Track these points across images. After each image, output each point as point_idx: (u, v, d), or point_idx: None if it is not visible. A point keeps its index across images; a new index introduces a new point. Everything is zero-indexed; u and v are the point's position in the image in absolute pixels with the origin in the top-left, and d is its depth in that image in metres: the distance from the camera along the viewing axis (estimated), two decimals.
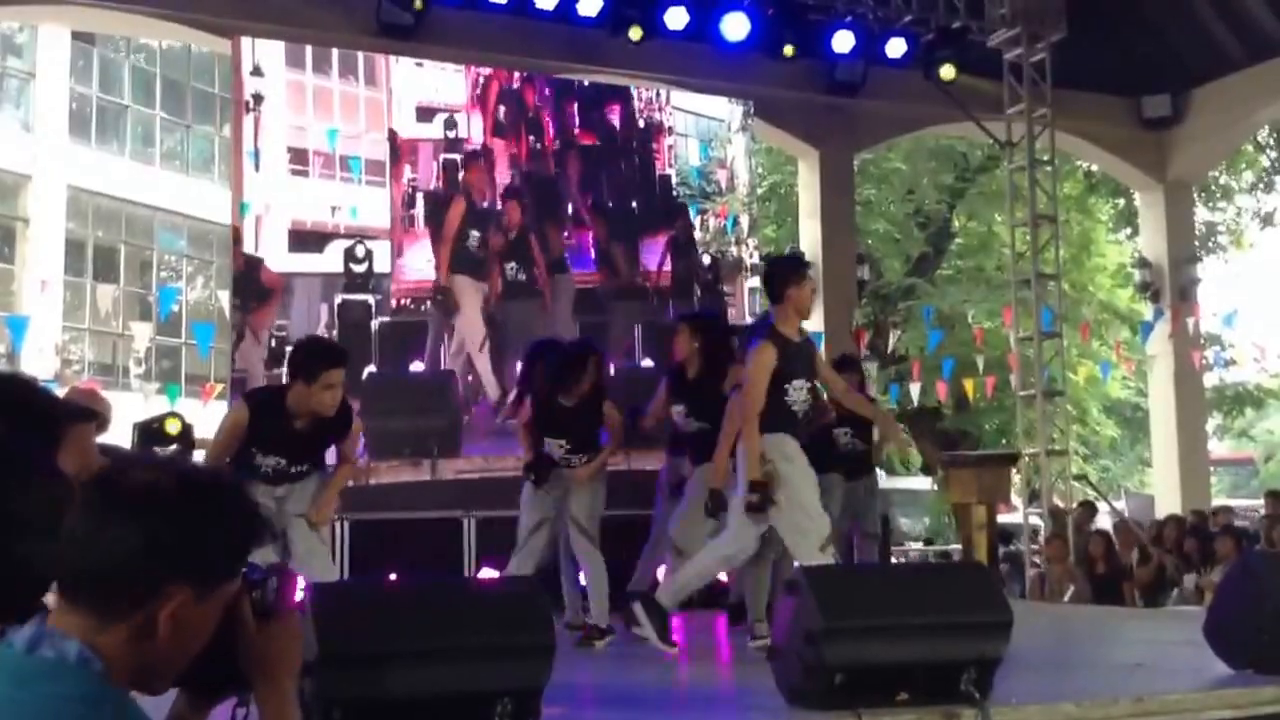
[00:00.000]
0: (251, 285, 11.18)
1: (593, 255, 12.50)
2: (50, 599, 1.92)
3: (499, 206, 12.10)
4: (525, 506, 7.99)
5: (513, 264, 11.98)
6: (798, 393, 6.89)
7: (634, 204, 12.83)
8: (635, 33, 12.81)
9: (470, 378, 11.62)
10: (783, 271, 7.15)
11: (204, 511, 1.77)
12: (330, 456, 6.93)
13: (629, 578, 8.30)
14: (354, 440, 6.92)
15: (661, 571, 8.27)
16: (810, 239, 15.79)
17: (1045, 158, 14.99)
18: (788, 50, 13.54)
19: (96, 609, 1.72)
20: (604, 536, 8.01)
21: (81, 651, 1.69)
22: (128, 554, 1.71)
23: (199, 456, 9.05)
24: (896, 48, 13.96)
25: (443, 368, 11.62)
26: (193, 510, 1.76)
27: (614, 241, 12.57)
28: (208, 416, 12.89)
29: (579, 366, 7.86)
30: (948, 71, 13.93)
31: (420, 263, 11.72)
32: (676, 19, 12.96)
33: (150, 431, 9.64)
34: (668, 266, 12.71)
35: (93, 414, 2.55)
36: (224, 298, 14.56)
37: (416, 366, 11.57)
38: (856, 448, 9.63)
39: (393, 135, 11.83)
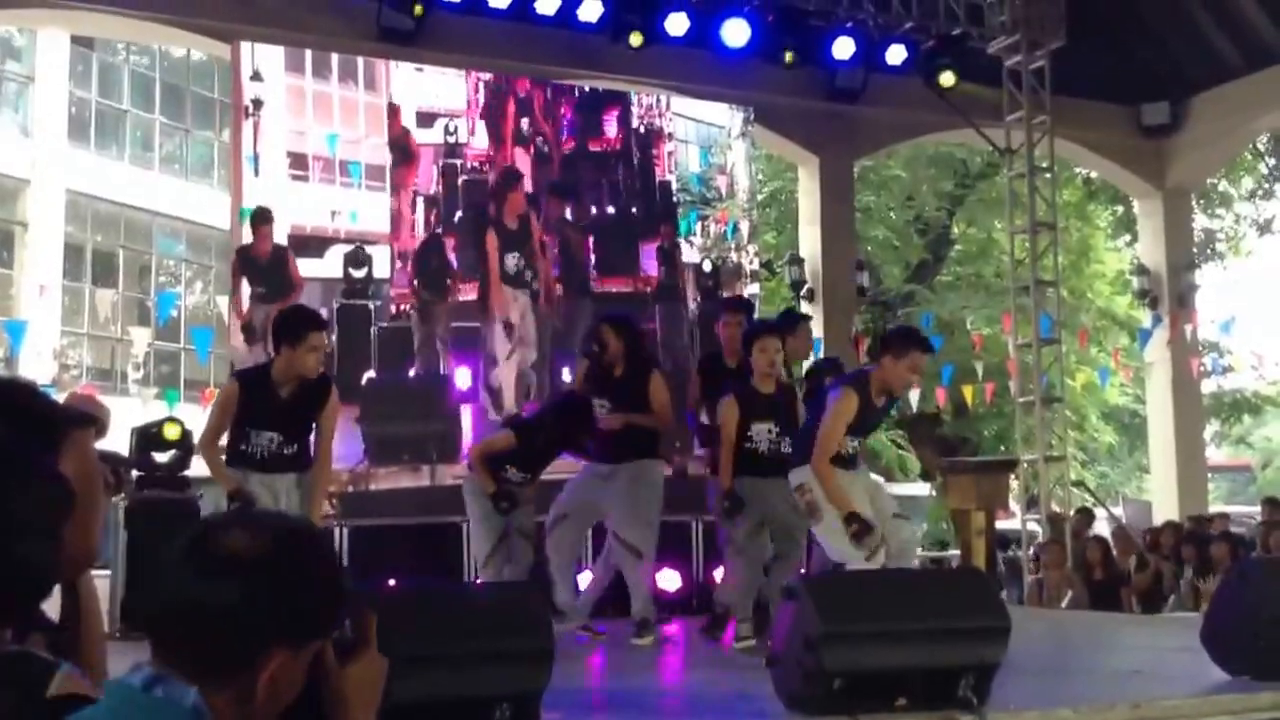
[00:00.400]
0: (278, 275, 11.19)
1: (593, 261, 12.50)
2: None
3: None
4: (479, 525, 8.09)
5: (528, 273, 12.00)
6: (848, 440, 7.03)
7: (634, 209, 12.84)
8: (636, 38, 12.81)
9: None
10: (908, 342, 7.19)
11: (301, 575, 1.77)
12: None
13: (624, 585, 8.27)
14: (333, 416, 7.12)
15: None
16: (810, 245, 15.82)
17: (1044, 165, 14.99)
18: (788, 57, 13.52)
19: (196, 672, 1.72)
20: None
21: (198, 701, 1.70)
22: (227, 621, 1.71)
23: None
24: (896, 55, 13.96)
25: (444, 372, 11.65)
26: (290, 574, 1.75)
27: (613, 247, 12.59)
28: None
29: (585, 426, 8.01)
30: (947, 78, 13.93)
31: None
32: (677, 25, 12.96)
33: (149, 437, 9.60)
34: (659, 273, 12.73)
35: (92, 419, 2.55)
36: (223, 303, 14.55)
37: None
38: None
39: (405, 134, 11.83)
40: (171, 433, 9.53)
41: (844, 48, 13.79)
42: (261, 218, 11.19)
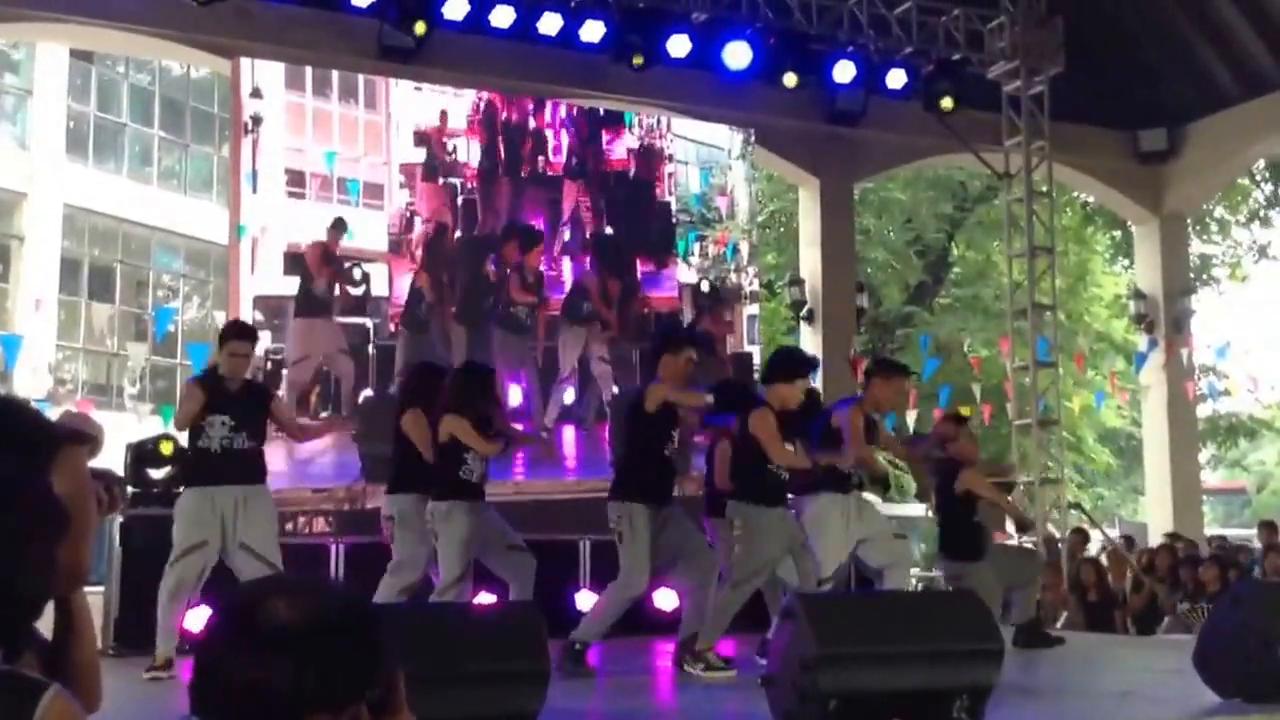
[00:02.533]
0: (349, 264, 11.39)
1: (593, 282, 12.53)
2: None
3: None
4: (456, 543, 7.74)
5: (523, 312, 12.06)
6: None
7: (633, 231, 12.85)
8: (637, 59, 12.82)
9: None
10: (894, 368, 8.44)
11: (342, 644, 1.77)
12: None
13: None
14: (284, 407, 8.34)
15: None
16: (810, 267, 15.83)
17: (1043, 189, 15.04)
18: (789, 79, 13.55)
19: None
20: None
21: None
22: (272, 693, 1.71)
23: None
24: (897, 78, 14.00)
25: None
26: (332, 644, 1.75)
27: (613, 268, 12.60)
28: None
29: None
30: (947, 103, 13.98)
31: None
32: (679, 46, 12.98)
33: (144, 453, 9.60)
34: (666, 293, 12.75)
35: (86, 437, 2.55)
36: (220, 318, 14.55)
37: None
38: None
39: (442, 118, 11.91)
40: (167, 449, 9.53)
41: (845, 71, 13.83)
42: (336, 225, 11.53)
